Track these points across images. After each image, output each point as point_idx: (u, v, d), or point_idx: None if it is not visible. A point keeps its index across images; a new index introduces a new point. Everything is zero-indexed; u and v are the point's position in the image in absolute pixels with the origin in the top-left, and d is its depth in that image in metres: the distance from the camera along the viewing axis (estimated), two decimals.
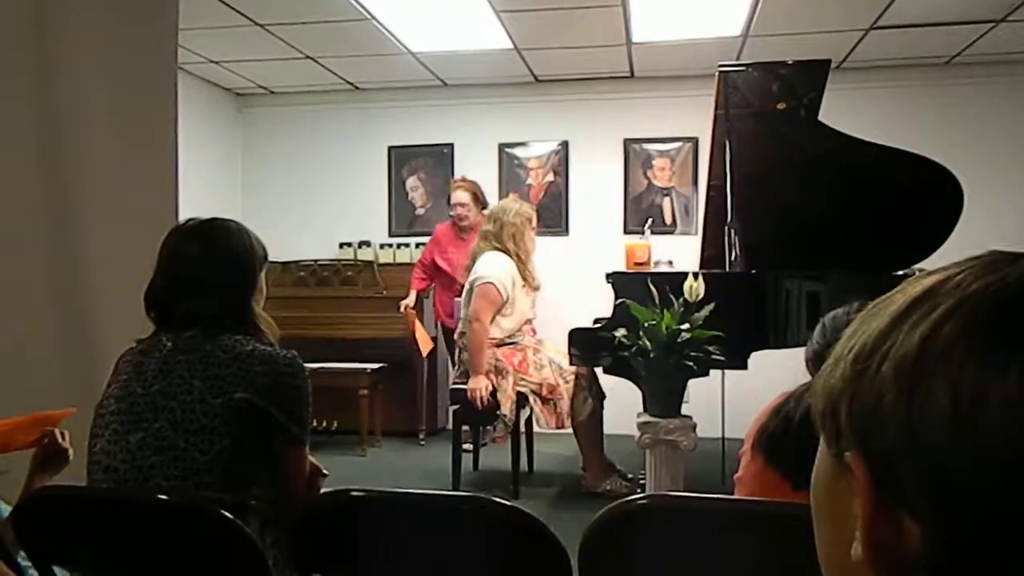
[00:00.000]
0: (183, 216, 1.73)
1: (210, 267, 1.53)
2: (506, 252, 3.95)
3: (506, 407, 3.75)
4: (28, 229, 2.24)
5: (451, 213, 4.82)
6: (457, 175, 5.69)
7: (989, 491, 0.35)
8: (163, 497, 1.35)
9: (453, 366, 4.63)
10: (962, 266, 0.40)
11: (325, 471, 1.59)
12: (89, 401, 1.57)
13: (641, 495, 1.21)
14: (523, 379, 3.81)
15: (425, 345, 4.93)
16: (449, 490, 3.81)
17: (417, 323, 4.90)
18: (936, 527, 0.37)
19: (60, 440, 1.57)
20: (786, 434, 1.17)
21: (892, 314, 0.40)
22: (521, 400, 3.80)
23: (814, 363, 1.72)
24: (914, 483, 0.37)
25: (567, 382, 3.81)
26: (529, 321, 4.09)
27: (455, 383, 3.99)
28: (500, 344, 3.89)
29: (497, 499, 1.22)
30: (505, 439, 3.84)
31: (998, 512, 0.35)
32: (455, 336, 4.10)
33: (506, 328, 3.92)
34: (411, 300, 4.90)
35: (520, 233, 3.98)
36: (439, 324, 5.06)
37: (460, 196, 4.72)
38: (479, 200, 4.73)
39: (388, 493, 1.28)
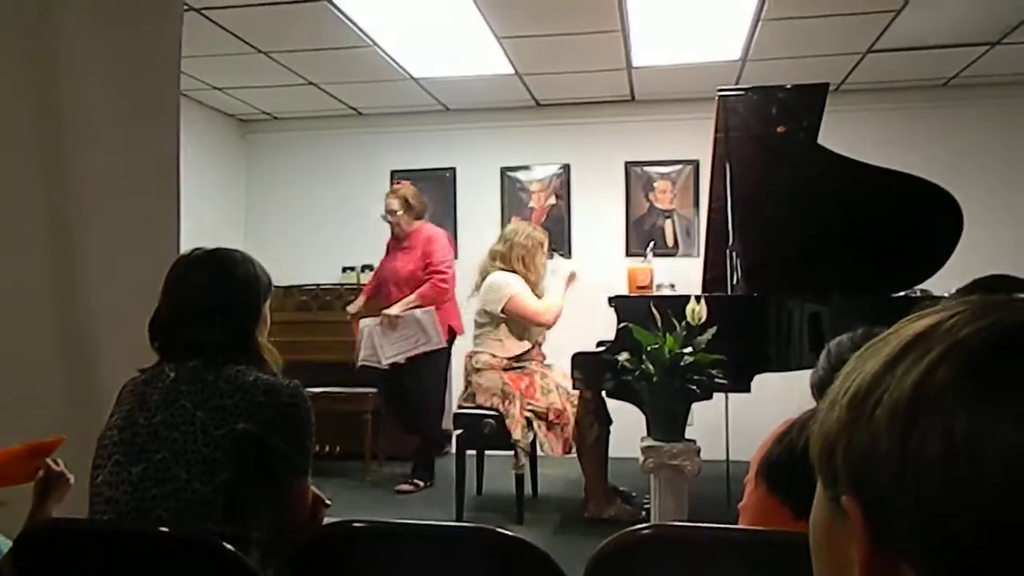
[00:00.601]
0: (185, 242, 1.74)
1: (215, 297, 1.54)
2: (513, 273, 3.98)
3: (517, 432, 3.74)
4: (29, 255, 2.25)
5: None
6: (460, 199, 5.73)
7: (983, 535, 0.35)
8: (164, 529, 1.35)
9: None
10: (955, 308, 0.41)
11: (328, 501, 1.59)
12: (91, 431, 1.57)
13: (645, 525, 1.21)
14: (530, 403, 3.80)
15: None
16: (453, 516, 3.79)
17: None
18: (932, 572, 0.37)
19: (55, 467, 1.57)
20: (789, 463, 1.17)
21: (886, 357, 0.41)
22: (528, 424, 3.80)
23: (819, 389, 1.71)
24: (909, 528, 0.37)
25: (574, 406, 3.81)
26: (538, 344, 4.10)
27: (460, 407, 3.99)
28: (507, 368, 3.89)
29: (501, 529, 1.21)
30: (522, 468, 3.82)
31: (992, 556, 0.35)
32: (465, 356, 4.10)
33: (515, 350, 3.94)
34: (355, 306, 4.62)
35: (531, 256, 4.02)
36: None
37: (389, 203, 4.48)
38: (411, 207, 4.46)
39: (391, 524, 1.27)
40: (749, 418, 3.24)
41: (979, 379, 0.37)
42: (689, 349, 2.98)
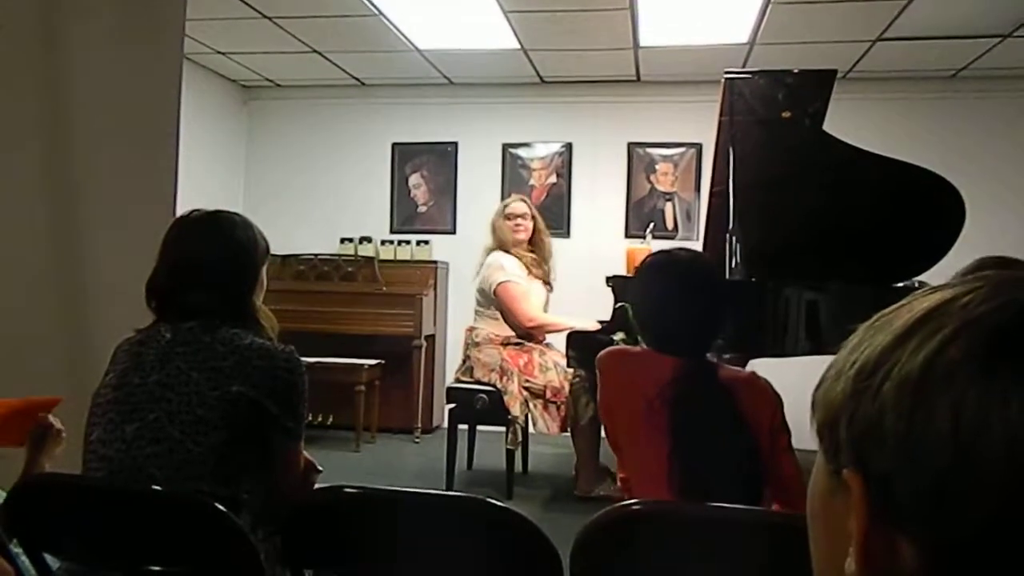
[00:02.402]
0: (183, 207, 1.73)
1: (213, 258, 1.53)
2: (503, 248, 3.99)
3: (515, 408, 3.75)
4: (27, 217, 2.24)
5: None
6: (461, 174, 5.70)
7: (986, 516, 0.35)
8: (156, 488, 1.35)
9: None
10: (969, 284, 0.40)
11: (319, 467, 1.59)
12: (87, 390, 1.57)
13: (636, 500, 1.21)
14: (528, 380, 3.81)
15: None
16: (443, 489, 3.81)
17: None
18: (931, 549, 0.37)
19: (48, 420, 1.55)
20: None
21: (897, 331, 0.40)
22: (525, 401, 3.81)
23: None
24: (911, 504, 0.37)
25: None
26: None
27: (457, 381, 3.99)
28: (507, 343, 3.90)
29: (491, 500, 1.22)
30: (518, 444, 3.84)
31: (994, 536, 0.35)
32: (465, 330, 4.10)
33: (510, 330, 3.94)
34: None
35: (499, 226, 4.06)
36: None
37: None
38: None
39: (381, 491, 1.27)
40: None
41: (991, 359, 0.36)
42: None
